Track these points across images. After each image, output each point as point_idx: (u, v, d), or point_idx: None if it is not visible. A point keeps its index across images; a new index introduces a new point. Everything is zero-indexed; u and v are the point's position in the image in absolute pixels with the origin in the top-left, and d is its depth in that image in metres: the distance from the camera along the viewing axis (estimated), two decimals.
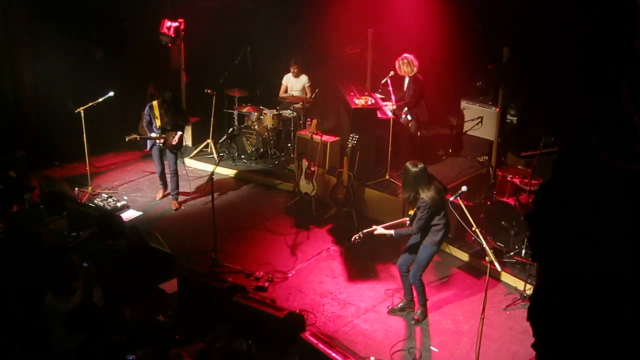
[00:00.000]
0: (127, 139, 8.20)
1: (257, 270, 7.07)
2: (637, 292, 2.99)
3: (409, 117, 8.85)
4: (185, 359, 4.98)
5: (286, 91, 10.26)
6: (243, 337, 5.66)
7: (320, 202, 8.46)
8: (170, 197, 8.81)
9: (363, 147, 8.25)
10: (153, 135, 8.27)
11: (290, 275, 7.10)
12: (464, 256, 7.41)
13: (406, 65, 8.60)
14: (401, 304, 6.41)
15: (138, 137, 8.33)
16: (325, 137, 8.71)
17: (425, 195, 5.72)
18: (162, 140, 8.27)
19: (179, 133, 8.36)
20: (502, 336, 6.04)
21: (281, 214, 8.53)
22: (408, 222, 5.96)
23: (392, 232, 5.95)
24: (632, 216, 2.93)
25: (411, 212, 5.90)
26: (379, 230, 5.97)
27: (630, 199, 2.95)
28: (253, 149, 10.04)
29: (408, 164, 5.83)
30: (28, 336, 5.15)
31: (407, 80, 8.81)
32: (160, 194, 8.92)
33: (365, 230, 5.99)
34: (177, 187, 8.68)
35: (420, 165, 5.79)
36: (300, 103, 9.89)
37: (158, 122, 8.21)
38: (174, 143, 8.31)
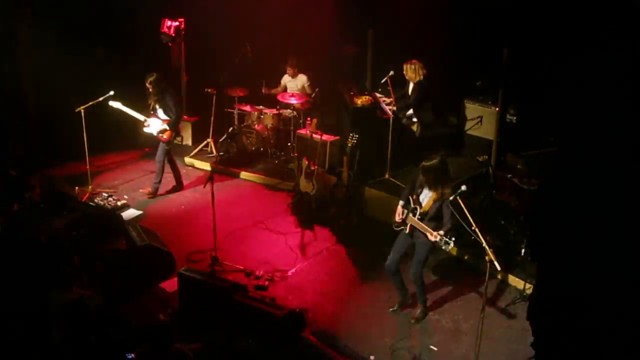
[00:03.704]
0: (109, 102, 8.42)
1: (257, 269, 7.08)
2: (637, 290, 3.00)
3: (414, 119, 8.87)
4: (185, 355, 4.99)
5: (285, 91, 10.26)
6: (243, 336, 5.66)
7: (320, 201, 8.47)
8: (172, 195, 9.00)
9: (363, 146, 8.26)
10: (139, 116, 8.42)
11: (291, 274, 7.11)
12: (464, 255, 7.42)
13: (414, 71, 8.64)
14: (398, 302, 6.43)
15: (122, 107, 8.42)
16: (325, 137, 8.72)
17: (451, 186, 5.82)
18: (146, 124, 8.43)
19: (164, 126, 8.41)
20: (502, 335, 6.05)
21: (281, 213, 8.53)
22: (417, 217, 5.91)
23: (442, 232, 5.76)
24: (632, 216, 2.95)
25: (424, 209, 5.89)
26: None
27: (629, 199, 2.96)
28: (253, 148, 10.06)
29: (432, 161, 5.79)
30: (28, 334, 5.15)
31: (411, 84, 8.81)
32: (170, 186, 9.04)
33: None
34: (156, 177, 8.81)
35: (440, 157, 5.85)
36: (300, 102, 9.88)
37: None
38: (151, 131, 8.46)
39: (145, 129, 8.51)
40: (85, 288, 5.68)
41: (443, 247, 5.72)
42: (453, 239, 5.69)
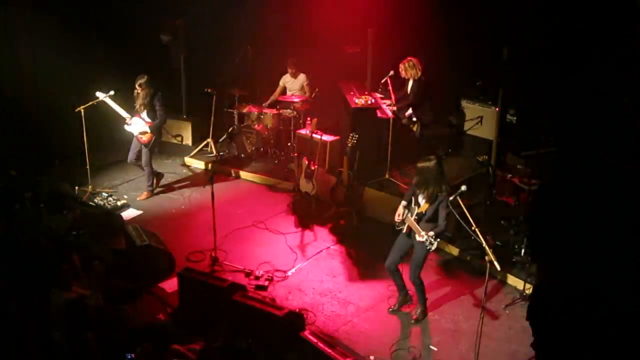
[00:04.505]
0: (97, 94, 8.42)
1: (257, 269, 7.08)
2: (637, 290, 3.00)
3: (413, 119, 8.86)
4: (184, 356, 4.99)
5: (284, 92, 10.26)
6: (243, 336, 5.66)
7: (320, 201, 8.47)
8: (172, 194, 9.03)
9: (363, 146, 8.26)
10: (123, 113, 8.43)
11: (290, 274, 7.11)
12: (464, 255, 7.42)
13: (411, 68, 8.64)
14: (398, 302, 6.43)
15: (108, 101, 8.37)
16: (325, 137, 8.72)
17: (445, 188, 5.81)
18: (128, 122, 8.44)
19: (145, 128, 8.42)
20: (502, 335, 6.05)
21: (281, 213, 8.53)
22: (414, 218, 5.92)
23: (432, 233, 5.81)
24: (631, 216, 2.94)
25: (422, 210, 5.90)
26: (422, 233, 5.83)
27: (629, 199, 2.96)
28: (253, 148, 10.06)
29: (426, 162, 5.82)
30: (27, 334, 5.15)
31: (410, 82, 8.81)
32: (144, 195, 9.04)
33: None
34: (148, 181, 8.84)
35: (435, 159, 5.84)
36: (300, 102, 9.88)
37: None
38: (132, 130, 8.48)
39: (127, 127, 8.50)
40: (85, 288, 5.68)
41: (427, 247, 5.80)
42: (438, 240, 5.79)
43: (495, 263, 5.31)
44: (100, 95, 8.40)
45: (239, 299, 5.78)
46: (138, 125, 8.45)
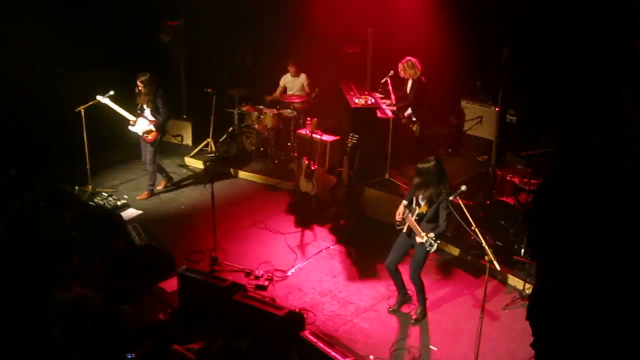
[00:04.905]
0: (98, 97, 8.43)
1: (257, 269, 7.08)
2: (636, 291, 3.00)
3: (413, 119, 8.86)
4: (184, 356, 4.99)
5: (284, 92, 10.26)
6: (242, 335, 5.66)
7: (320, 201, 8.47)
8: (172, 194, 9.04)
9: (363, 146, 8.26)
10: (127, 115, 8.41)
11: (290, 274, 7.11)
12: (464, 255, 7.43)
13: (410, 68, 8.64)
14: (398, 302, 6.43)
15: (110, 104, 8.38)
16: (325, 137, 8.72)
17: (445, 189, 5.80)
18: (132, 123, 8.47)
19: (150, 127, 8.42)
20: (501, 335, 6.05)
21: (281, 213, 8.54)
22: (414, 218, 5.91)
23: (432, 234, 5.80)
24: (631, 215, 2.95)
25: (422, 210, 5.90)
26: (422, 234, 5.82)
27: (629, 199, 2.96)
28: (253, 148, 10.06)
29: (425, 164, 5.82)
30: (27, 334, 5.15)
31: (410, 82, 8.81)
32: (161, 184, 9.06)
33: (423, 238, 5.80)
34: (150, 180, 8.86)
35: (435, 160, 5.84)
36: (300, 102, 9.88)
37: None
38: (136, 130, 8.49)
39: (131, 128, 8.52)
40: (85, 288, 5.68)
41: (427, 249, 5.80)
42: (438, 241, 5.78)
43: (495, 263, 5.31)
44: (100, 98, 8.39)
45: (239, 299, 5.77)
46: (142, 125, 8.45)
